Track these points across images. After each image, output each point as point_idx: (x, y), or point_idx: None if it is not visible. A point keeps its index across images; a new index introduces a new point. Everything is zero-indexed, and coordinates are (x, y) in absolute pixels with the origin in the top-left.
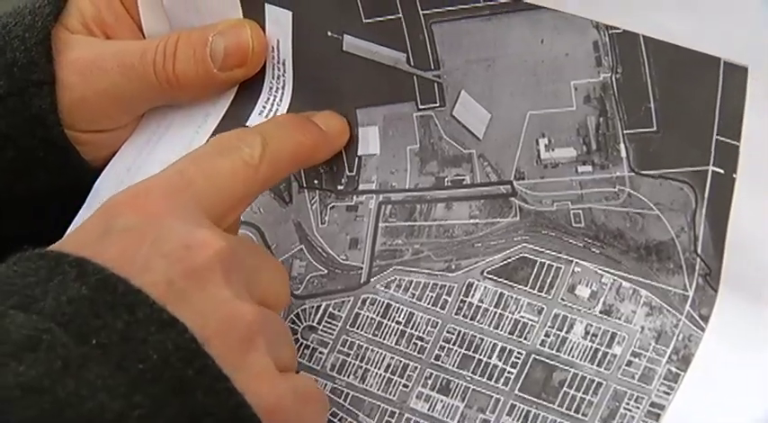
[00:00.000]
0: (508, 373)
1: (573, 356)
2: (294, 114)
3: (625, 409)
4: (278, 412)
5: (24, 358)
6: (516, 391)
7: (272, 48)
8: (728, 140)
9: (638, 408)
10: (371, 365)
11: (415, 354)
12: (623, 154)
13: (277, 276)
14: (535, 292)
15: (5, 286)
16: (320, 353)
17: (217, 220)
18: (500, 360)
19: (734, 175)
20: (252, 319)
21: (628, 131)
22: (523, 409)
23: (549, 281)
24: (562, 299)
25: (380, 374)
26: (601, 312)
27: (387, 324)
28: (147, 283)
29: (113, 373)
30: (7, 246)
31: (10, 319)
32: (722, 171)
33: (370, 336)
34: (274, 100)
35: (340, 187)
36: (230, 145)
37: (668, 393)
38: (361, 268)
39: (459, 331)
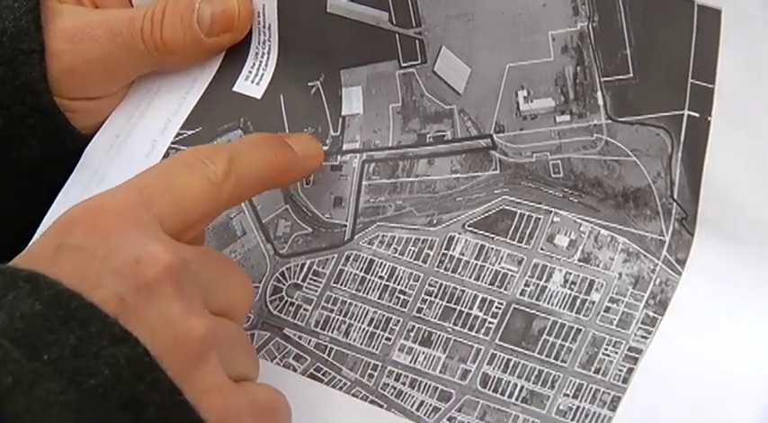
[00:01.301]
0: (489, 323)
1: (552, 305)
2: (268, 135)
3: (603, 354)
4: None
5: None
6: (497, 341)
7: (258, 13)
8: (703, 84)
9: (617, 352)
10: (355, 320)
11: (398, 307)
12: (600, 102)
13: (239, 286)
14: (515, 242)
15: None
16: (305, 310)
17: (176, 236)
18: (481, 311)
19: (708, 119)
20: (203, 333)
21: (605, 79)
22: (504, 358)
23: (528, 231)
24: (541, 249)
25: (364, 329)
26: (579, 260)
27: (370, 279)
28: (99, 298)
29: (64, 388)
30: (4, 216)
31: None
32: (697, 115)
33: (353, 291)
34: (260, 65)
35: (324, 147)
36: (195, 161)
37: (646, 337)
38: (345, 226)
39: (441, 284)
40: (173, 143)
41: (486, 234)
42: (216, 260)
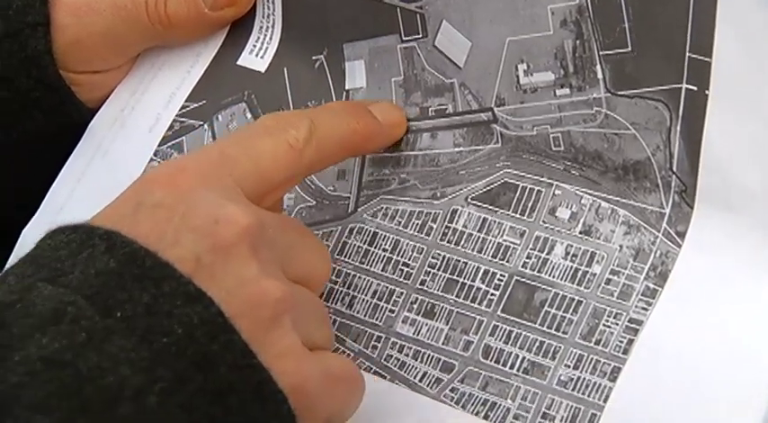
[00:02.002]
0: (491, 295)
1: (554, 277)
2: (351, 102)
3: (604, 325)
4: (304, 392)
5: (48, 331)
6: (499, 313)
7: None
8: (700, 57)
9: (617, 324)
10: (358, 292)
11: (401, 279)
12: (599, 75)
13: (315, 255)
14: (517, 215)
15: (39, 259)
16: None
17: (255, 200)
18: (483, 283)
19: (706, 92)
20: (279, 296)
21: (604, 53)
22: (506, 330)
23: (530, 204)
24: (543, 221)
25: (367, 300)
26: (581, 233)
27: (373, 252)
28: (175, 257)
29: (136, 346)
30: (6, 187)
31: (37, 292)
32: (695, 88)
33: (357, 263)
34: (264, 39)
35: None
36: (276, 126)
37: (646, 309)
38: (349, 198)
39: (444, 256)
40: (177, 116)
41: (489, 207)
42: (294, 228)
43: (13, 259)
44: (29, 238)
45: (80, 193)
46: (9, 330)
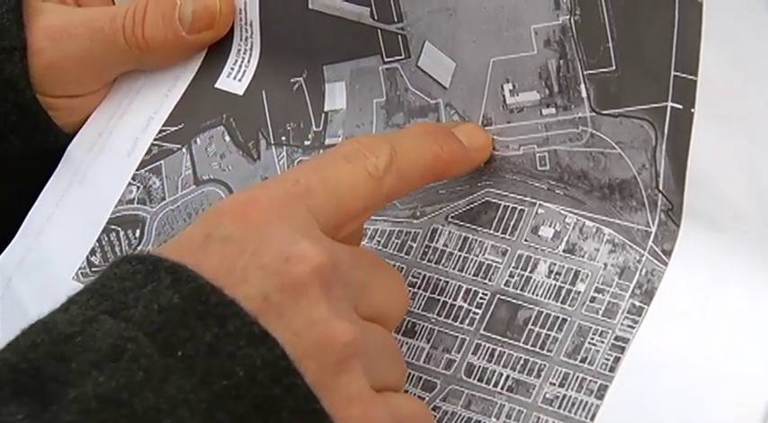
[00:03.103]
0: (473, 313)
1: (537, 295)
2: (435, 124)
3: (590, 343)
4: None
5: (106, 368)
6: (481, 331)
7: (240, 9)
8: (686, 76)
9: (603, 342)
10: None
11: None
12: (584, 94)
13: (392, 291)
14: (499, 234)
15: (103, 289)
16: None
17: (332, 231)
18: (465, 301)
19: (692, 110)
20: (349, 339)
21: (588, 72)
22: (489, 348)
23: (512, 223)
24: (526, 240)
25: None
26: (564, 251)
27: None
28: (242, 294)
29: (196, 387)
30: None
31: (99, 325)
32: (681, 106)
33: None
34: (243, 61)
35: (307, 143)
36: (356, 153)
37: (632, 327)
38: None
39: (424, 275)
40: (155, 140)
41: (470, 226)
42: (370, 262)
43: None
44: (6, 262)
45: (58, 217)
46: (67, 365)
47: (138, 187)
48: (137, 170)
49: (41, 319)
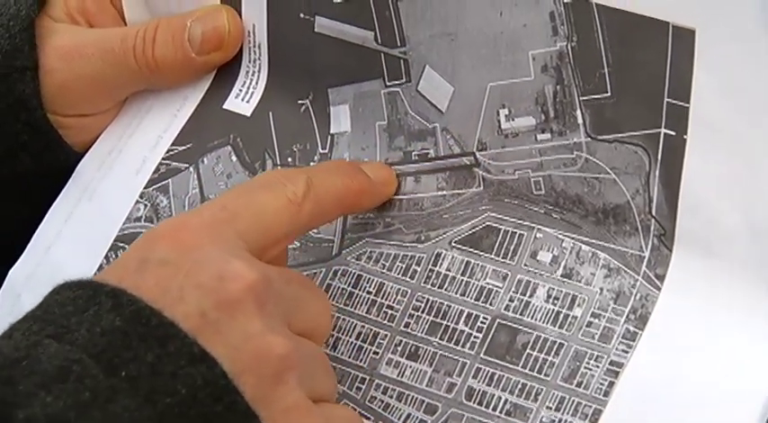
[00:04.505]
0: (474, 337)
1: (536, 319)
2: (343, 161)
3: (585, 368)
4: None
5: (53, 389)
6: (482, 355)
7: (249, 32)
8: (679, 103)
9: (598, 366)
10: (343, 334)
11: (385, 322)
12: (580, 120)
13: (319, 308)
14: (500, 258)
15: (45, 315)
16: None
17: (258, 253)
18: (466, 325)
19: (684, 137)
20: (284, 352)
21: (584, 98)
22: (488, 372)
23: (512, 248)
24: (525, 264)
25: (351, 342)
26: (562, 276)
27: (358, 294)
28: (180, 314)
29: (141, 406)
30: None
31: (43, 349)
32: (673, 133)
33: (341, 305)
34: (251, 83)
35: (312, 164)
36: (275, 181)
37: (626, 352)
38: (333, 241)
39: (428, 299)
40: (163, 159)
41: (472, 250)
42: (297, 281)
43: (0, 297)
44: (15, 277)
45: (67, 233)
46: (14, 388)
47: (146, 205)
48: (144, 188)
49: None
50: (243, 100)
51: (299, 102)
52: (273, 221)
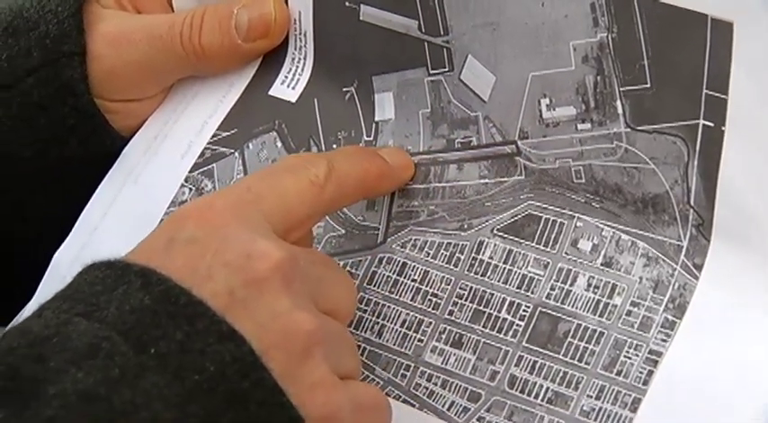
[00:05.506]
0: (516, 325)
1: (576, 308)
2: (361, 146)
3: (625, 356)
4: (335, 421)
5: (83, 365)
6: (524, 343)
7: (294, 20)
8: (717, 94)
9: (638, 355)
10: (388, 321)
11: (430, 310)
12: (620, 111)
13: (343, 288)
14: (541, 247)
15: (75, 294)
16: None
17: (282, 235)
18: (509, 314)
19: (723, 128)
20: (311, 328)
21: (623, 89)
22: (530, 360)
23: (553, 236)
24: (566, 253)
25: (396, 330)
26: (602, 265)
27: (403, 282)
28: (208, 292)
29: (169, 382)
30: (40, 211)
31: (73, 327)
32: (712, 124)
33: (386, 293)
34: (296, 70)
35: None
36: (296, 165)
37: (665, 341)
38: (378, 229)
39: (471, 287)
40: (208, 144)
41: (514, 238)
42: (321, 262)
43: (46, 280)
44: (61, 259)
45: (112, 216)
46: (45, 364)
47: (191, 189)
48: (189, 172)
49: (15, 326)
50: (288, 87)
51: (344, 89)
52: (296, 203)
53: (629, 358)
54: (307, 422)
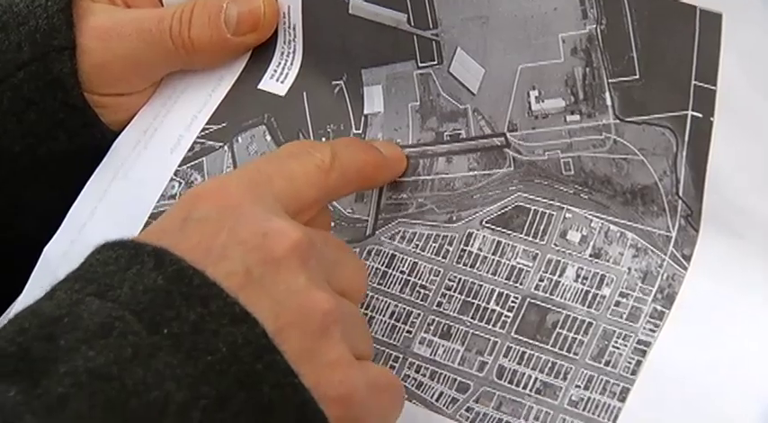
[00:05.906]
0: (505, 316)
1: (565, 299)
2: (358, 138)
3: (614, 347)
4: (350, 402)
5: (95, 344)
6: (513, 334)
7: (284, 13)
8: (706, 85)
9: (626, 345)
10: (376, 313)
11: (419, 301)
12: (608, 102)
13: (356, 270)
14: (530, 238)
15: (87, 273)
16: None
17: (293, 217)
18: (497, 305)
19: (711, 119)
20: (328, 307)
21: (612, 80)
22: (519, 351)
23: (542, 228)
24: (555, 244)
25: (385, 321)
26: (590, 256)
27: (391, 273)
28: (224, 271)
29: (182, 363)
30: (30, 206)
31: (85, 306)
32: (700, 115)
33: (375, 285)
34: (286, 64)
35: None
36: (302, 150)
37: (654, 331)
38: (367, 221)
39: (460, 279)
40: (198, 137)
41: (503, 230)
42: (335, 243)
43: (35, 275)
44: (51, 254)
45: (101, 211)
46: (56, 343)
47: (180, 183)
48: (179, 166)
49: (28, 306)
50: (278, 80)
51: (333, 82)
52: (304, 186)
53: (618, 348)
54: (323, 402)
